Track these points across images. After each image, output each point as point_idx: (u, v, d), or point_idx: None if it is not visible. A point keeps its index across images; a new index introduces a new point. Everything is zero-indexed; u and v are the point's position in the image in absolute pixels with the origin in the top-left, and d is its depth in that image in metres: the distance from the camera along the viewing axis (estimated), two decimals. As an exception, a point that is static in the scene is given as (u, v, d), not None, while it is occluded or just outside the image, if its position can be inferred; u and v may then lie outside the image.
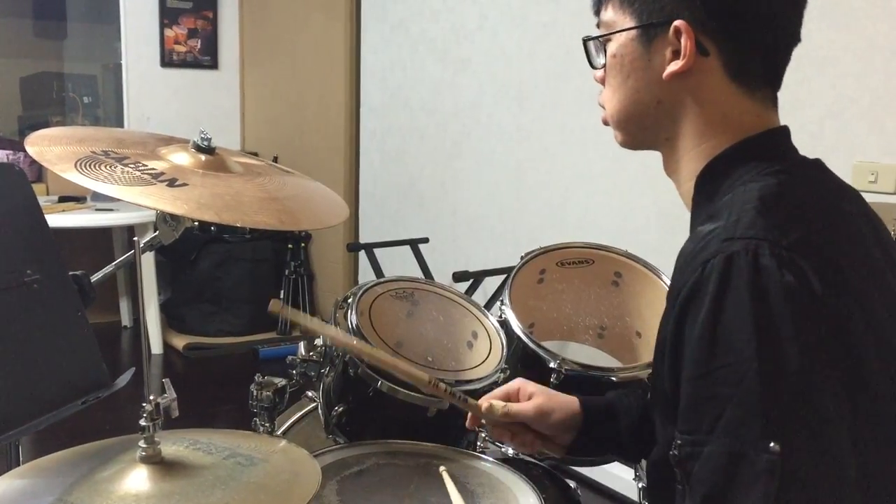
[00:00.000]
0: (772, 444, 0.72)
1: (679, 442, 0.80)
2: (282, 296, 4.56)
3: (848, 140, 2.18)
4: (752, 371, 0.73)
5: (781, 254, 0.76)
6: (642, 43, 0.92)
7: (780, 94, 0.96)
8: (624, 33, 0.93)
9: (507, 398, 1.19)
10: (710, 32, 0.88)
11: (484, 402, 1.17)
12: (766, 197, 0.83)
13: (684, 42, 0.88)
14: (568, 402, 1.19)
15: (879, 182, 2.09)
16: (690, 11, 0.88)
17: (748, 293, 0.75)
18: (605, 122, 1.01)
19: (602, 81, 0.99)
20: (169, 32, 4.74)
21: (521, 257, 1.71)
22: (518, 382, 1.21)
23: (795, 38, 0.92)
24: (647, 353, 1.64)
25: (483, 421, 1.20)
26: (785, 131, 0.95)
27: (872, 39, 2.11)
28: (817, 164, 0.95)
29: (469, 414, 1.20)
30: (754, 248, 0.77)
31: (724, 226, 0.82)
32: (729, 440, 0.74)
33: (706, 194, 0.92)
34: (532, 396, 1.19)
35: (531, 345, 1.54)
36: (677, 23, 0.88)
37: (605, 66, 0.97)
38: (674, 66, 0.89)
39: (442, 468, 1.24)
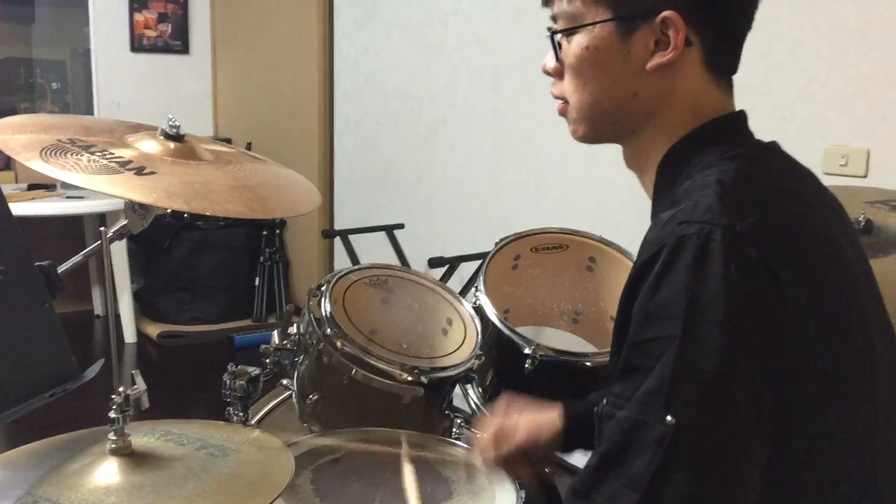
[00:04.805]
0: (669, 418, 0.75)
1: (605, 401, 0.83)
2: (257, 283, 4.53)
3: (819, 124, 2.19)
4: (673, 348, 0.76)
5: (732, 240, 0.78)
6: (620, 35, 0.90)
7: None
8: (598, 25, 0.91)
9: (500, 427, 1.24)
10: (694, 23, 0.88)
11: (480, 456, 1.25)
12: (724, 181, 0.84)
13: (674, 33, 0.87)
14: (550, 423, 1.21)
15: (850, 165, 2.11)
16: (674, 2, 0.87)
17: (687, 275, 0.77)
18: (562, 114, 1.00)
19: (558, 74, 0.98)
20: (139, 17, 4.67)
21: (496, 243, 1.70)
22: (504, 403, 1.27)
23: (751, 26, 0.93)
24: (621, 337, 1.65)
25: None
26: (742, 115, 0.95)
27: (843, 23, 2.13)
28: (773, 147, 0.96)
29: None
30: (707, 233, 0.78)
31: (683, 209, 0.83)
32: (638, 408, 0.78)
33: (668, 181, 0.93)
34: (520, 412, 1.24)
35: (506, 331, 1.55)
36: (668, 13, 0.87)
37: (560, 59, 0.96)
38: (660, 58, 0.89)
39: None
